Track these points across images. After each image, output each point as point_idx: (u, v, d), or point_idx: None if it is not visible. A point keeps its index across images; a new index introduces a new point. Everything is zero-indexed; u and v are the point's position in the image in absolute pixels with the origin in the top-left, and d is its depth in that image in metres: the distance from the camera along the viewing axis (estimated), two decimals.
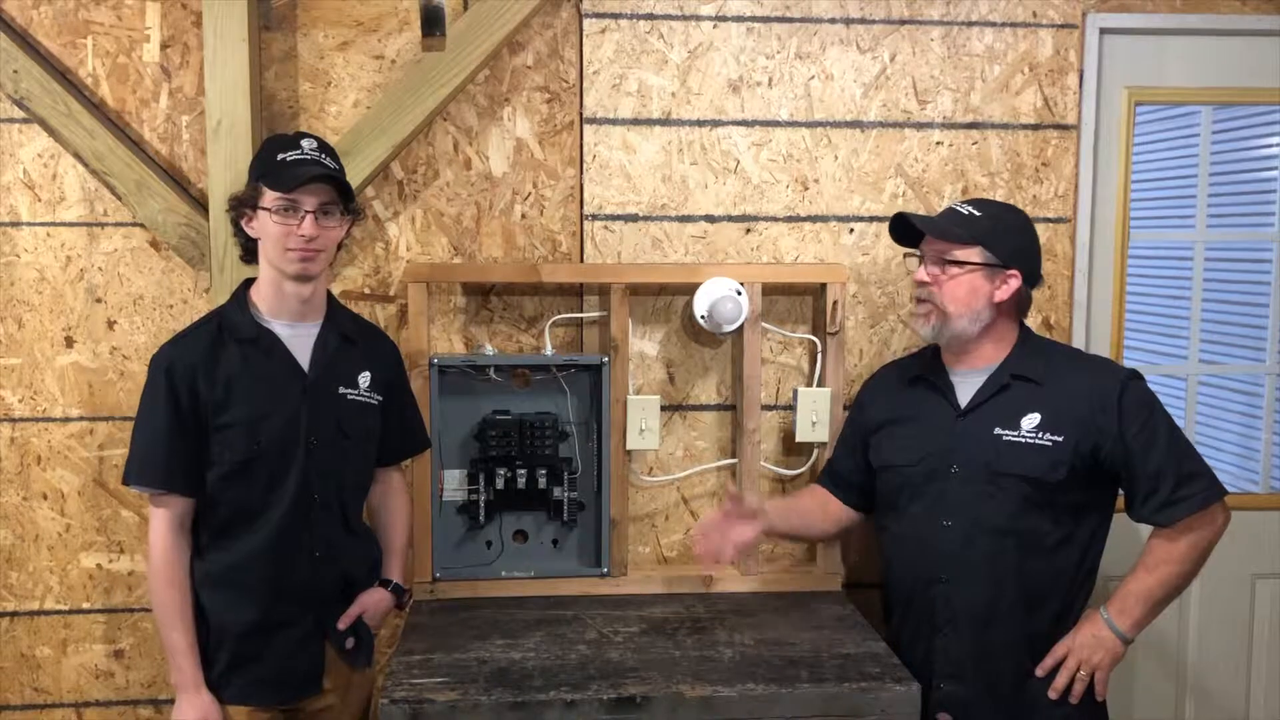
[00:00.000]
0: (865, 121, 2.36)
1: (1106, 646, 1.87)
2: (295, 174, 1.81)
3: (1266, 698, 2.57)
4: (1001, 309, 1.95)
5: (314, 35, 2.25)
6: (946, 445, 1.97)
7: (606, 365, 2.27)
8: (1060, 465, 1.87)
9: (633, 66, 2.30)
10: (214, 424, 1.81)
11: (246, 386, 1.83)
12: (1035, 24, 2.36)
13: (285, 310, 1.88)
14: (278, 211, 1.82)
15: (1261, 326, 2.56)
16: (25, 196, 2.25)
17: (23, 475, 2.30)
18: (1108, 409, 1.87)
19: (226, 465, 1.82)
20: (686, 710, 1.81)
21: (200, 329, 1.87)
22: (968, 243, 1.92)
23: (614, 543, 2.31)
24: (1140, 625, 1.88)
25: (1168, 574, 1.86)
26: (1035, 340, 2.02)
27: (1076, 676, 1.88)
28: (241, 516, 1.85)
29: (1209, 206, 2.52)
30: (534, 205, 2.33)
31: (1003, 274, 1.92)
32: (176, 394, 1.79)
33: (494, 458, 2.26)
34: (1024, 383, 1.94)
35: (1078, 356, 2.04)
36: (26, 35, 2.20)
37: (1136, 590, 1.87)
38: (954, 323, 1.93)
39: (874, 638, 2.07)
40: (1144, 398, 1.90)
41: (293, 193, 1.81)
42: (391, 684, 1.85)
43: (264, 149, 1.92)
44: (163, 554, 1.81)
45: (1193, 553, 1.85)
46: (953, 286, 1.93)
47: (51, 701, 2.35)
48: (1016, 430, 1.91)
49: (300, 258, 1.83)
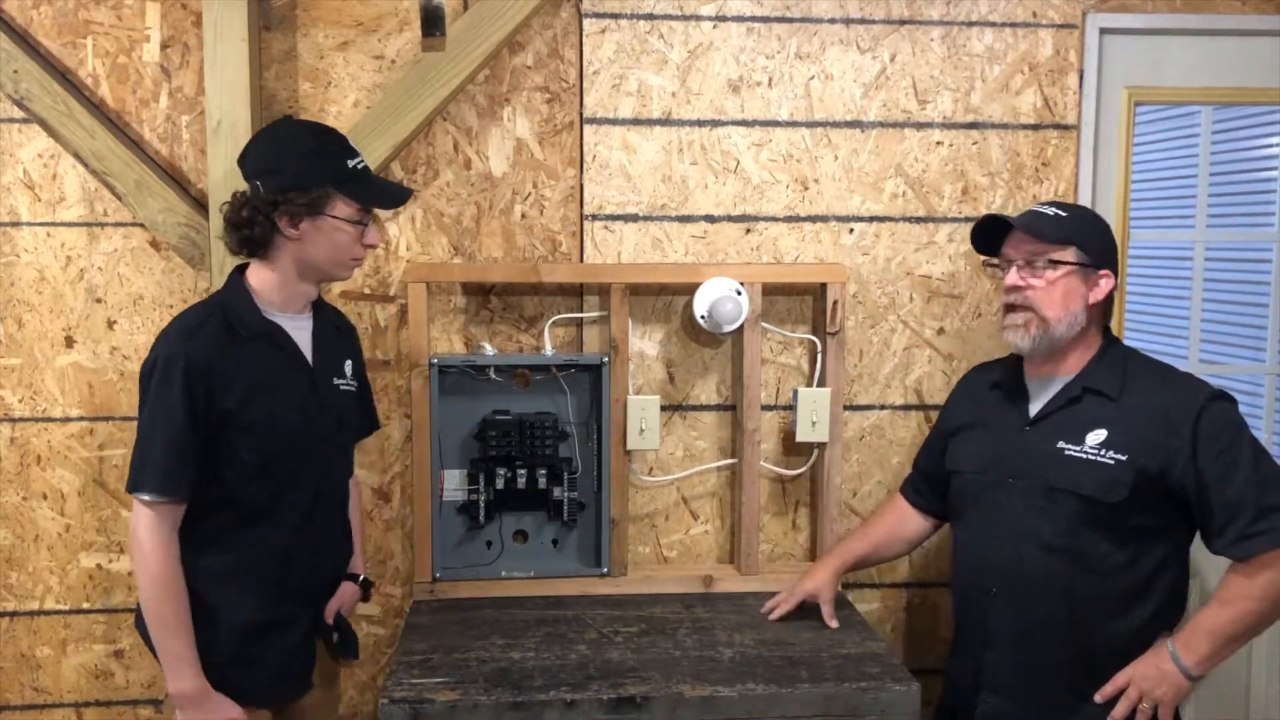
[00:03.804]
0: (865, 121, 2.36)
1: (1170, 681, 1.76)
2: (392, 193, 1.90)
3: (1266, 697, 2.56)
4: (1092, 313, 1.89)
5: (314, 35, 2.25)
6: (1009, 455, 1.92)
7: (606, 365, 2.27)
8: (1120, 486, 1.79)
9: (633, 66, 2.30)
10: (235, 423, 1.74)
11: (264, 383, 1.78)
12: (1035, 24, 2.36)
13: (291, 305, 1.86)
14: (353, 222, 1.82)
15: (1261, 326, 2.56)
16: (25, 196, 2.25)
17: (23, 475, 2.30)
18: (1182, 432, 1.77)
19: (248, 464, 1.76)
20: (686, 710, 1.81)
21: (207, 323, 1.76)
22: (1062, 242, 1.86)
23: (614, 543, 2.31)
24: (1208, 662, 1.75)
25: (1242, 611, 1.73)
26: (1117, 351, 1.93)
27: (1139, 709, 1.79)
28: (257, 514, 1.80)
29: (1209, 206, 2.52)
30: (534, 205, 2.33)
31: (1095, 275, 1.87)
32: (194, 394, 1.70)
33: (494, 458, 2.26)
34: (1096, 396, 1.87)
35: (1161, 372, 1.91)
36: (26, 35, 2.20)
37: (1207, 625, 1.76)
38: (1054, 328, 1.86)
39: (874, 638, 2.08)
40: (1226, 422, 1.78)
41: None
42: (391, 684, 1.85)
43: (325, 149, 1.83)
44: (165, 562, 1.72)
45: (1272, 590, 1.72)
46: (1050, 289, 1.86)
47: (51, 701, 2.35)
48: (1080, 445, 1.84)
49: (356, 266, 1.89)
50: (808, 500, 2.44)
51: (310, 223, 1.79)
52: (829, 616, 2.12)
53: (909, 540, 2.21)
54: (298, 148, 1.82)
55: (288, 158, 1.80)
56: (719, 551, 2.44)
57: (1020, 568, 1.88)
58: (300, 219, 1.78)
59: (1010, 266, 1.91)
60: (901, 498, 2.23)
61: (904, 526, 2.20)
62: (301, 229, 1.79)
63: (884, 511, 2.25)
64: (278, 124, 1.96)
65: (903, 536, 2.20)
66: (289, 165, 1.79)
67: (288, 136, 1.86)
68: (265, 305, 1.83)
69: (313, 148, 1.83)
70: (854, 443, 2.42)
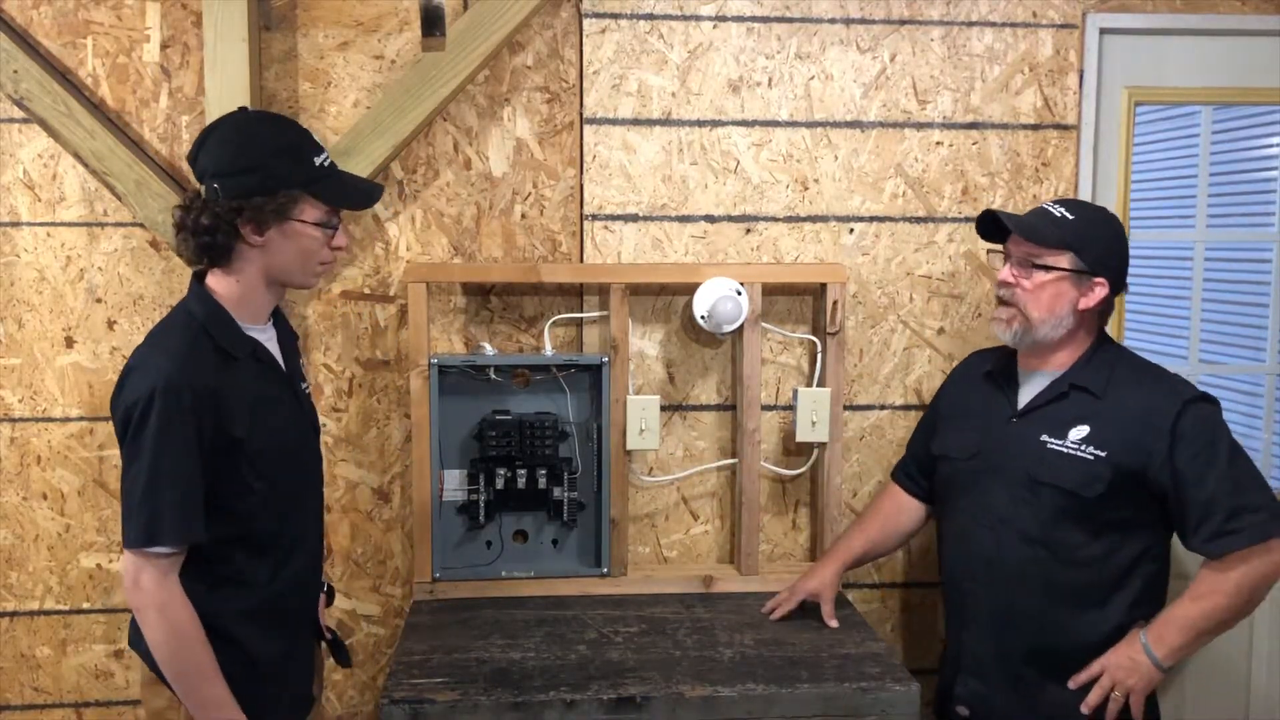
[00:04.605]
0: (865, 121, 2.36)
1: (1141, 671, 1.81)
2: (364, 190, 1.73)
3: (1266, 697, 2.56)
4: (1084, 317, 1.91)
5: (314, 35, 2.25)
6: (996, 444, 1.96)
7: (606, 365, 2.27)
8: (1098, 481, 1.83)
9: (633, 66, 2.30)
10: (245, 450, 1.60)
11: (262, 404, 1.65)
12: (1035, 24, 2.36)
13: (260, 316, 1.71)
14: (320, 225, 1.66)
15: (1261, 326, 2.56)
16: (25, 196, 2.25)
17: (23, 475, 2.30)
18: (1161, 431, 1.80)
19: (257, 492, 1.63)
20: (686, 710, 1.81)
21: (197, 346, 1.60)
22: (1058, 246, 1.87)
23: (614, 543, 2.31)
24: (1178, 654, 1.80)
25: (1213, 606, 1.78)
26: (1109, 350, 1.95)
27: (1111, 697, 1.83)
28: (268, 542, 1.68)
29: (1209, 206, 2.52)
30: (534, 205, 2.33)
31: (1090, 281, 1.87)
32: (202, 428, 1.55)
33: (494, 458, 2.26)
34: (1082, 393, 1.90)
35: (1147, 372, 1.93)
36: (26, 35, 2.20)
37: (1179, 618, 1.80)
38: (1037, 329, 1.89)
39: (874, 638, 2.08)
40: (1205, 423, 1.81)
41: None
42: (391, 684, 1.85)
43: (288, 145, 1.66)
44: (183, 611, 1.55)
45: (1243, 587, 1.77)
46: (1037, 291, 1.88)
47: (51, 701, 2.35)
48: (1063, 440, 1.87)
49: (323, 273, 1.73)
50: (808, 500, 2.44)
51: (277, 229, 1.62)
52: (829, 616, 2.12)
53: (906, 532, 2.23)
54: (261, 146, 1.64)
55: (252, 157, 1.62)
56: (719, 551, 2.44)
57: (1000, 555, 1.92)
58: (268, 226, 1.62)
59: (1007, 261, 1.94)
60: (895, 485, 2.25)
61: (899, 519, 2.21)
62: (268, 236, 1.63)
63: (879, 503, 2.26)
64: (234, 116, 1.74)
65: (899, 529, 2.22)
66: (255, 166, 1.61)
67: (249, 133, 1.66)
68: (239, 318, 1.66)
69: (279, 146, 1.65)
70: (854, 443, 2.42)
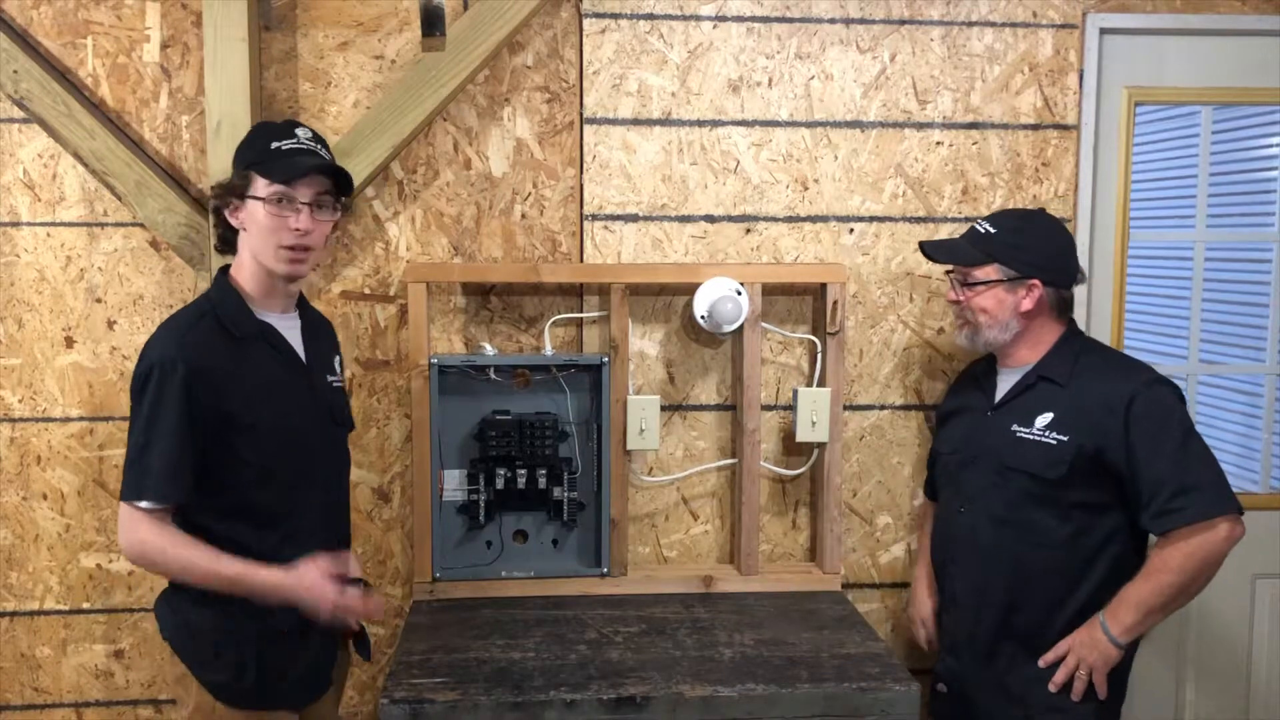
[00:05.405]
0: (865, 121, 2.36)
1: (1100, 649, 1.89)
2: (295, 164, 1.73)
3: (1266, 697, 2.56)
4: (1031, 315, 2.02)
5: (314, 35, 2.25)
6: (975, 437, 2.08)
7: (606, 365, 2.27)
8: (1059, 464, 1.93)
9: (633, 66, 2.30)
10: (236, 426, 1.70)
11: (266, 385, 1.75)
12: (1035, 24, 2.36)
13: (275, 302, 1.82)
14: (271, 202, 1.72)
15: (1261, 326, 2.56)
16: (25, 196, 2.25)
17: (23, 475, 2.30)
18: (1116, 413, 1.89)
19: (251, 467, 1.72)
20: (686, 710, 1.81)
21: (199, 325, 1.73)
22: (982, 262, 2.02)
23: (614, 543, 2.31)
24: (1132, 631, 1.88)
25: (1161, 583, 1.85)
26: (1074, 342, 2.05)
27: (1076, 675, 1.91)
28: (274, 519, 1.75)
29: (1209, 206, 2.52)
30: (534, 205, 2.33)
31: (1024, 284, 2.00)
32: (193, 399, 1.66)
33: (494, 458, 2.26)
34: (1049, 384, 2.01)
35: (1109, 359, 2.03)
36: (26, 35, 2.20)
37: (1132, 597, 1.88)
38: (985, 333, 2.05)
39: (874, 638, 2.08)
40: (1160, 404, 1.89)
41: (291, 184, 1.73)
42: (391, 684, 1.85)
43: (254, 135, 1.82)
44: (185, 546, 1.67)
45: (1188, 564, 1.83)
46: (979, 303, 2.03)
47: (51, 701, 2.35)
48: (1030, 427, 1.98)
49: (291, 258, 1.75)
50: (808, 500, 2.44)
51: (247, 212, 1.76)
52: (928, 640, 2.21)
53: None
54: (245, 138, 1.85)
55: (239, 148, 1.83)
56: (719, 551, 2.44)
57: (974, 538, 2.04)
58: (237, 208, 1.77)
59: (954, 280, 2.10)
60: (927, 500, 2.33)
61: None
62: (240, 218, 1.77)
63: (923, 525, 2.32)
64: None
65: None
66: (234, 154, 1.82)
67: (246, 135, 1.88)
68: (253, 303, 1.79)
69: (251, 135, 1.84)
70: (854, 443, 2.42)
